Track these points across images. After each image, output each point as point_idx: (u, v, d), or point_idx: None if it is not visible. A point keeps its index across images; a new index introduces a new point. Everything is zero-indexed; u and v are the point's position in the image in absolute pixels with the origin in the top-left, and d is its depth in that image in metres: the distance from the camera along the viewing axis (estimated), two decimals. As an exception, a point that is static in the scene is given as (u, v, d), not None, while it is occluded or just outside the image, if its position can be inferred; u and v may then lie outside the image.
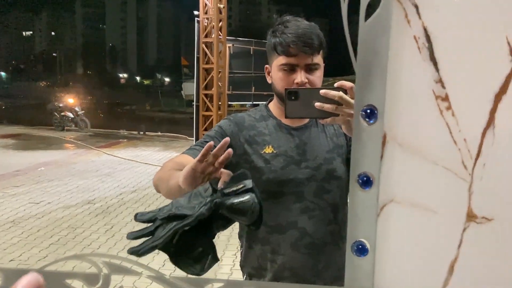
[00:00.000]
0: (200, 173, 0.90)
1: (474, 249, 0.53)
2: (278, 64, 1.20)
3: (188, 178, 0.91)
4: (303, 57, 1.17)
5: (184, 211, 0.72)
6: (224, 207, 0.74)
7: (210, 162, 0.89)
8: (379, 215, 0.53)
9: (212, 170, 0.90)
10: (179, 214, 0.71)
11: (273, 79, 1.23)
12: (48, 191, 6.51)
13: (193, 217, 0.71)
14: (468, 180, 0.52)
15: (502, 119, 0.51)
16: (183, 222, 0.70)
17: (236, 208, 0.74)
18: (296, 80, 1.16)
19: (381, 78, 0.51)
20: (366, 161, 0.53)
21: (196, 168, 0.90)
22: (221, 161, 0.89)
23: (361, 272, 0.54)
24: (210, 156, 0.89)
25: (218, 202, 0.74)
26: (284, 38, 1.17)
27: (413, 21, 0.51)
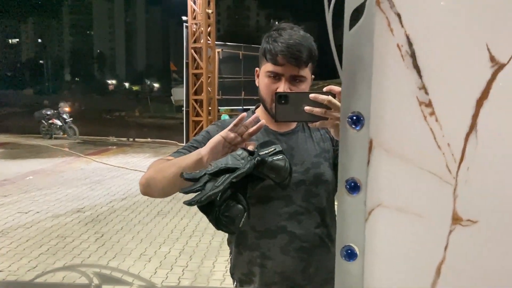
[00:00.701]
0: (228, 143, 1.00)
1: (460, 251, 0.54)
2: (265, 70, 1.21)
3: (216, 147, 1.00)
4: (289, 68, 1.17)
5: (236, 164, 0.83)
6: (265, 163, 0.86)
7: (240, 132, 1.01)
8: (367, 220, 0.54)
9: (239, 141, 1.01)
10: (231, 167, 0.82)
11: (260, 83, 1.25)
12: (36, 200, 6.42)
13: (245, 169, 0.82)
14: (453, 183, 0.53)
15: (484, 124, 0.52)
16: (236, 173, 0.81)
17: (274, 164, 0.87)
18: (278, 89, 1.17)
19: (366, 85, 0.52)
20: (353, 167, 0.54)
21: (227, 136, 1.00)
22: (251, 131, 1.01)
23: (350, 277, 0.55)
24: (241, 127, 1.01)
25: (260, 159, 0.86)
26: (274, 47, 1.18)
27: (396, 29, 0.52)
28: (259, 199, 1.23)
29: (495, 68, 0.51)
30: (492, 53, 0.51)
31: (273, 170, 0.88)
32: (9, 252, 4.37)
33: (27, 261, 4.15)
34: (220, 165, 0.83)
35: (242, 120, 1.01)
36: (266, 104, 1.25)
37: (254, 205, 1.24)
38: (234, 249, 1.31)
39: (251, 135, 1.02)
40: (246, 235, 1.26)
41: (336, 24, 0.54)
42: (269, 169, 0.88)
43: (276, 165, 0.88)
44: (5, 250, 4.43)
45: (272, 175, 0.89)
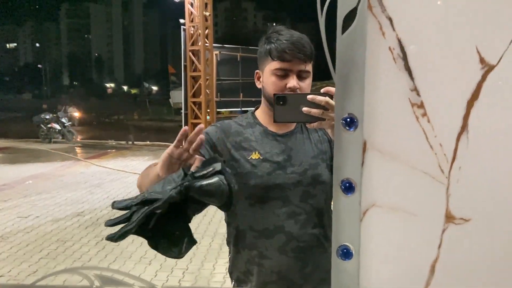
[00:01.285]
0: (176, 159, 0.94)
1: (453, 249, 0.55)
2: (272, 69, 1.23)
3: (165, 164, 0.95)
4: (297, 63, 1.21)
5: (156, 195, 0.76)
6: (194, 189, 0.78)
7: (185, 148, 0.93)
8: (362, 220, 0.55)
9: (187, 157, 0.94)
10: (151, 198, 0.76)
11: (265, 83, 1.26)
12: (36, 204, 6.42)
13: (163, 200, 0.75)
14: (445, 183, 0.54)
15: (475, 124, 0.53)
16: (154, 205, 0.75)
17: (204, 190, 0.79)
18: (288, 85, 1.20)
19: (359, 88, 0.54)
20: (348, 168, 0.55)
21: (172, 153, 0.94)
22: (194, 147, 0.92)
23: (346, 275, 0.56)
24: (185, 142, 0.93)
25: (187, 185, 0.78)
26: (280, 44, 1.22)
27: (387, 33, 0.53)
28: (257, 199, 1.24)
29: (485, 69, 0.53)
30: (482, 55, 0.53)
31: (205, 195, 0.80)
32: (9, 257, 4.37)
33: (27, 265, 4.15)
34: (143, 195, 0.77)
35: (184, 135, 0.94)
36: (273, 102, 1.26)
37: (253, 205, 1.25)
38: (233, 248, 1.32)
39: (195, 150, 0.93)
40: (244, 235, 1.27)
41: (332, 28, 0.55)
42: (201, 194, 0.79)
43: (206, 190, 0.79)
44: (5, 255, 4.43)
45: (205, 199, 0.81)
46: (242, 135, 1.29)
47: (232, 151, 1.26)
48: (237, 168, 1.25)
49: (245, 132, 1.30)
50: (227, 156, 1.26)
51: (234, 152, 1.26)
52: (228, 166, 1.25)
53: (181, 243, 0.80)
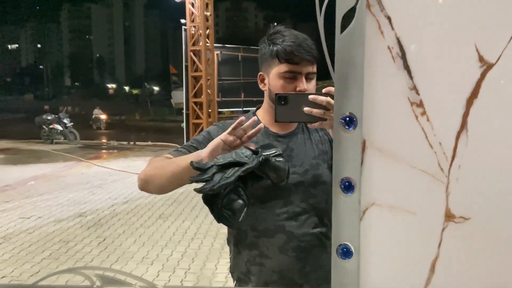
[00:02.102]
0: (227, 145, 1.04)
1: (453, 247, 0.55)
2: (280, 72, 1.21)
3: (215, 149, 1.03)
4: (306, 65, 1.20)
5: (242, 159, 0.88)
6: (269, 163, 0.92)
7: (239, 135, 1.04)
8: (362, 219, 0.55)
9: (237, 144, 1.04)
10: (240, 161, 0.88)
11: (272, 86, 1.24)
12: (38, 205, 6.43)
13: (253, 165, 0.88)
14: (445, 181, 0.54)
15: (474, 122, 0.53)
16: (244, 167, 0.87)
17: (277, 165, 0.93)
18: (298, 88, 1.19)
19: (358, 87, 0.54)
20: (347, 167, 0.55)
21: (226, 139, 1.04)
22: (250, 134, 1.04)
23: (346, 274, 0.56)
24: (239, 130, 1.04)
25: (266, 157, 0.91)
26: (286, 46, 1.20)
27: (386, 32, 0.53)
28: (258, 199, 1.24)
29: (484, 68, 0.53)
30: (481, 54, 0.53)
31: (274, 170, 0.94)
32: (12, 258, 4.38)
33: (29, 266, 4.16)
34: (229, 158, 0.88)
35: (240, 123, 1.04)
36: None
37: (254, 205, 1.25)
38: (233, 248, 1.32)
39: (249, 138, 1.05)
40: (245, 234, 1.27)
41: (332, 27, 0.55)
42: (271, 169, 0.94)
43: (278, 166, 0.94)
44: (8, 255, 4.44)
45: (272, 175, 0.95)
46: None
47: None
48: None
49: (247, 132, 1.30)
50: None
51: None
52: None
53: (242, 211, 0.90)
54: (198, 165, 0.89)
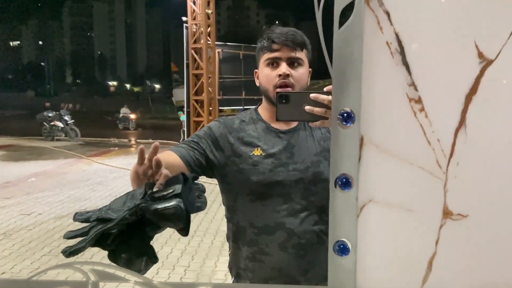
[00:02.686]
0: (142, 175, 0.92)
1: (451, 245, 0.55)
2: (263, 61, 1.25)
3: (134, 180, 0.94)
4: (286, 51, 1.23)
5: (110, 214, 0.75)
6: (149, 212, 0.75)
7: (148, 166, 0.91)
8: (359, 215, 0.55)
9: (153, 172, 0.90)
10: (106, 217, 0.75)
11: (260, 78, 1.28)
12: (39, 202, 6.44)
13: (115, 222, 0.74)
14: (443, 178, 0.54)
15: (473, 119, 0.53)
16: (106, 226, 0.74)
17: (160, 214, 0.75)
18: (279, 72, 1.21)
19: (356, 83, 0.53)
20: (344, 163, 0.55)
21: (137, 171, 0.93)
22: (154, 165, 0.89)
23: (343, 271, 0.55)
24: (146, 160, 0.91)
25: (143, 207, 0.75)
26: (269, 37, 1.25)
27: (385, 27, 0.53)
28: (258, 195, 1.24)
29: (483, 64, 0.52)
30: (480, 50, 0.52)
31: (160, 219, 0.76)
32: (12, 254, 4.38)
33: (29, 262, 4.16)
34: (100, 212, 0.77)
35: (142, 154, 0.92)
36: (269, 94, 1.26)
37: (254, 202, 1.25)
38: (233, 244, 1.32)
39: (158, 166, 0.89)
40: (245, 231, 1.27)
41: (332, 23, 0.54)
42: (156, 218, 0.76)
43: (162, 214, 0.75)
44: (8, 252, 4.45)
45: (161, 222, 0.77)
46: (245, 131, 1.29)
47: (235, 146, 1.26)
48: (239, 164, 1.24)
49: (248, 128, 1.30)
50: (228, 152, 1.26)
51: (236, 148, 1.26)
52: (230, 161, 1.25)
53: (140, 260, 0.78)
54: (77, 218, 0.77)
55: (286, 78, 1.21)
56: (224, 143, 1.26)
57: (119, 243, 0.77)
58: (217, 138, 1.27)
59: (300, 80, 1.23)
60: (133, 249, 0.78)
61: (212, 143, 1.26)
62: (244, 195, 1.26)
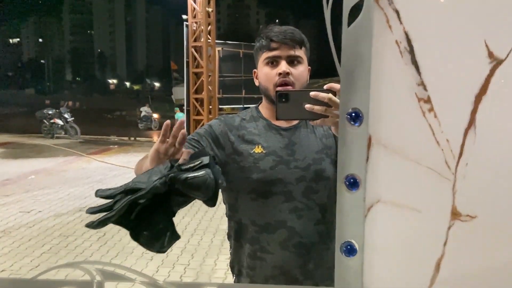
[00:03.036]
0: (163, 154, 0.93)
1: (459, 246, 0.54)
2: (262, 60, 1.25)
3: (153, 159, 0.94)
4: (285, 49, 1.23)
5: (140, 185, 0.75)
6: (179, 181, 0.76)
7: (171, 143, 0.92)
8: (367, 216, 0.55)
9: (174, 151, 0.92)
10: (134, 187, 0.74)
11: (259, 77, 1.28)
12: (39, 199, 6.44)
13: (147, 190, 0.74)
14: (452, 179, 0.53)
15: (482, 119, 0.53)
16: (136, 195, 0.73)
17: (190, 182, 0.76)
18: (279, 71, 1.21)
19: (364, 82, 0.53)
20: (352, 164, 0.54)
21: (159, 149, 0.93)
22: (179, 141, 0.91)
23: (350, 272, 0.55)
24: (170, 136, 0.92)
25: (173, 176, 0.76)
26: (267, 35, 1.25)
27: (394, 26, 0.52)
28: (259, 193, 1.23)
29: (493, 63, 0.52)
30: (491, 49, 0.52)
31: (190, 188, 0.77)
32: (12, 252, 4.38)
33: (29, 260, 4.16)
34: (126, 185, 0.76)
35: (167, 129, 0.93)
36: (269, 93, 1.26)
37: (255, 200, 1.24)
38: (234, 242, 1.31)
39: (180, 144, 0.91)
40: (246, 229, 1.27)
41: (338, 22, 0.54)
42: (186, 186, 0.77)
43: (192, 183, 0.76)
44: (8, 249, 4.45)
45: (191, 192, 0.78)
46: (246, 128, 1.28)
47: (235, 144, 1.25)
48: (239, 161, 1.24)
49: (249, 126, 1.29)
50: (229, 150, 1.25)
51: (237, 146, 1.25)
52: (231, 159, 1.25)
53: (163, 236, 0.78)
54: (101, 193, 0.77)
55: (286, 77, 1.20)
56: (225, 141, 1.26)
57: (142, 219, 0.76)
58: (217, 136, 1.26)
59: (300, 78, 1.23)
60: (157, 226, 0.78)
61: (212, 141, 1.25)
62: (245, 193, 1.25)
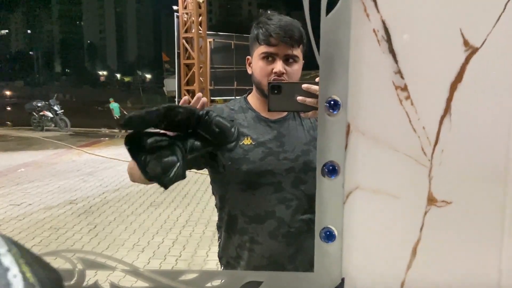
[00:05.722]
0: None
1: (435, 231, 0.55)
2: (259, 53, 1.23)
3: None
4: (283, 48, 1.21)
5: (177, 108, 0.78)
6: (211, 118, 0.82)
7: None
8: (345, 202, 0.55)
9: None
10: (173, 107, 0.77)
11: (253, 69, 1.27)
12: (29, 192, 6.38)
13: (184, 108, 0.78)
14: (428, 165, 0.55)
15: (458, 107, 0.53)
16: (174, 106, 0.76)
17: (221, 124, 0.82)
18: (274, 70, 1.20)
19: (343, 70, 0.53)
20: (331, 151, 0.55)
21: None
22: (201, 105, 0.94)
23: (329, 258, 0.56)
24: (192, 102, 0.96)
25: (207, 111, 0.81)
26: (267, 28, 1.22)
27: (372, 15, 0.53)
28: (248, 185, 1.24)
29: (468, 52, 0.53)
30: (466, 37, 0.52)
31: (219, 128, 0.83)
32: (2, 245, 4.36)
33: (20, 253, 4.14)
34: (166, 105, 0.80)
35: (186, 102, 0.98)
36: (262, 87, 1.25)
37: (244, 191, 1.25)
38: (224, 233, 1.32)
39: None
40: (236, 220, 1.27)
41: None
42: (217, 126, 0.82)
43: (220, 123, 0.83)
44: (-2, 242, 4.42)
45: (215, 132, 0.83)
46: (234, 120, 1.28)
47: None
48: (229, 153, 1.24)
49: (237, 117, 1.29)
50: None
51: None
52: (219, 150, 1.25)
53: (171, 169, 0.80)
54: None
55: (281, 76, 1.20)
56: None
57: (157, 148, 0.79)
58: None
59: (294, 76, 1.23)
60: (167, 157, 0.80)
61: None
62: (235, 184, 1.26)
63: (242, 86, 11.28)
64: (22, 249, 0.28)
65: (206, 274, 0.57)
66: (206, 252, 4.08)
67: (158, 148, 0.79)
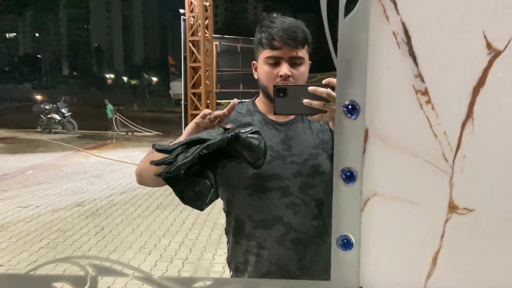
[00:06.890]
0: (203, 128, 1.06)
1: (456, 239, 0.54)
2: (263, 58, 1.22)
3: (191, 132, 1.06)
4: (287, 50, 1.19)
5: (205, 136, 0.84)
6: (240, 139, 0.87)
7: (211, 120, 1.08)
8: (363, 209, 0.54)
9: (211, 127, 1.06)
10: (202, 138, 0.84)
11: (259, 73, 1.25)
12: (36, 194, 6.42)
13: (216, 140, 0.83)
14: (449, 172, 0.53)
15: (480, 111, 0.52)
16: (206, 143, 0.82)
17: (249, 141, 0.88)
18: (280, 73, 1.18)
19: (361, 74, 0.52)
20: (349, 157, 0.53)
21: (200, 123, 1.07)
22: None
23: (347, 266, 0.54)
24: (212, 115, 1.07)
25: (236, 133, 0.87)
26: (269, 32, 1.20)
27: (391, 17, 0.52)
28: (256, 189, 1.22)
29: (491, 55, 0.51)
30: (489, 40, 0.51)
31: (246, 148, 0.88)
32: (9, 247, 4.37)
33: (27, 255, 4.16)
34: (190, 138, 0.85)
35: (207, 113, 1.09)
36: (268, 92, 1.24)
37: (251, 195, 1.24)
38: (232, 238, 1.31)
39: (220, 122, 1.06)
40: (243, 225, 1.26)
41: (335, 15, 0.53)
42: (243, 146, 0.88)
43: (250, 142, 0.88)
44: (5, 244, 4.44)
45: (245, 152, 0.89)
46: (241, 123, 1.27)
47: None
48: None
49: (245, 120, 1.28)
50: None
51: None
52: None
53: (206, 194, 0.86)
54: (161, 147, 0.83)
55: (287, 79, 1.19)
56: None
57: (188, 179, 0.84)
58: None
59: (301, 78, 1.21)
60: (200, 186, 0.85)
61: None
62: (242, 189, 1.24)
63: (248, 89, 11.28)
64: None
65: (221, 282, 0.55)
66: (213, 255, 4.07)
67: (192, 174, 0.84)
